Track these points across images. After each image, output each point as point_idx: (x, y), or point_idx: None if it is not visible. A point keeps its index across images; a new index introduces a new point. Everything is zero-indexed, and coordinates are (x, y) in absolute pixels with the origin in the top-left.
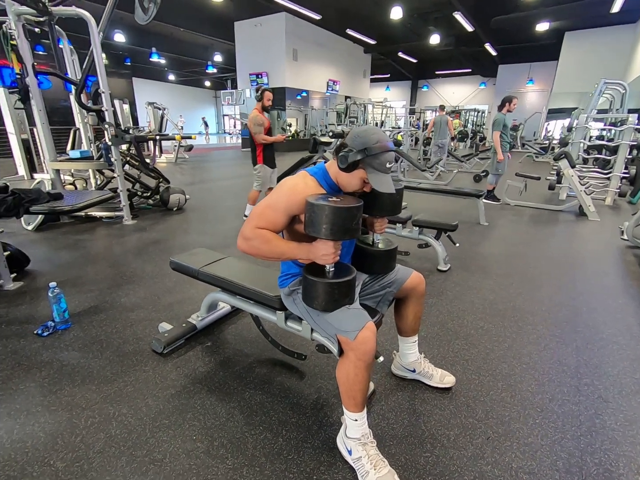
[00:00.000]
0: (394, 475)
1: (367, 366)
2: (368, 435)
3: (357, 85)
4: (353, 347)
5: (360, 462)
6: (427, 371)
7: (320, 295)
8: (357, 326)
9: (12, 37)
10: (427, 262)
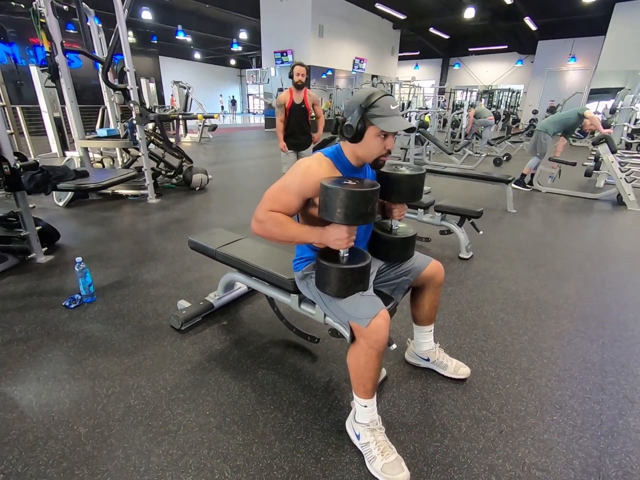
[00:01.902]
0: (401, 462)
1: (378, 354)
2: (377, 421)
3: (385, 63)
4: (365, 334)
5: (368, 448)
6: (442, 361)
7: (332, 281)
8: (370, 314)
9: (42, 15)
10: (448, 249)
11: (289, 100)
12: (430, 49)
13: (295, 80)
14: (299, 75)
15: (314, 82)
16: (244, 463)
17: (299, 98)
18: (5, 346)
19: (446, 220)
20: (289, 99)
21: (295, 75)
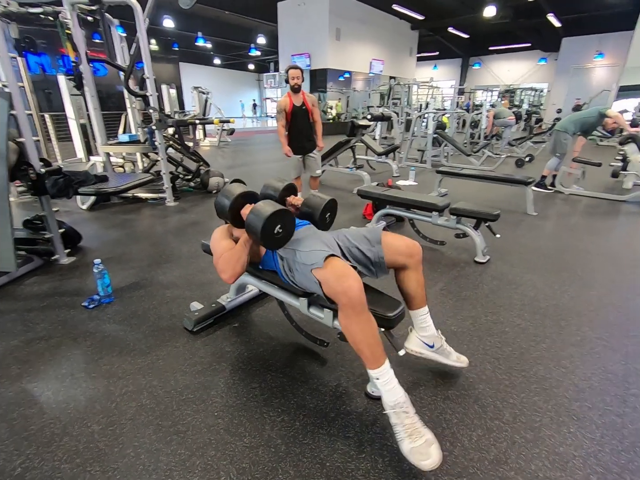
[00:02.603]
0: (429, 446)
1: (357, 314)
2: (401, 404)
3: (403, 64)
4: (339, 298)
5: (396, 429)
6: (445, 349)
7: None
8: (323, 255)
9: (68, 27)
10: (464, 252)
11: (289, 104)
12: (450, 49)
13: (292, 83)
14: (295, 79)
15: (330, 85)
16: (250, 466)
17: (298, 100)
18: (28, 344)
19: (462, 223)
20: (289, 102)
21: (291, 79)
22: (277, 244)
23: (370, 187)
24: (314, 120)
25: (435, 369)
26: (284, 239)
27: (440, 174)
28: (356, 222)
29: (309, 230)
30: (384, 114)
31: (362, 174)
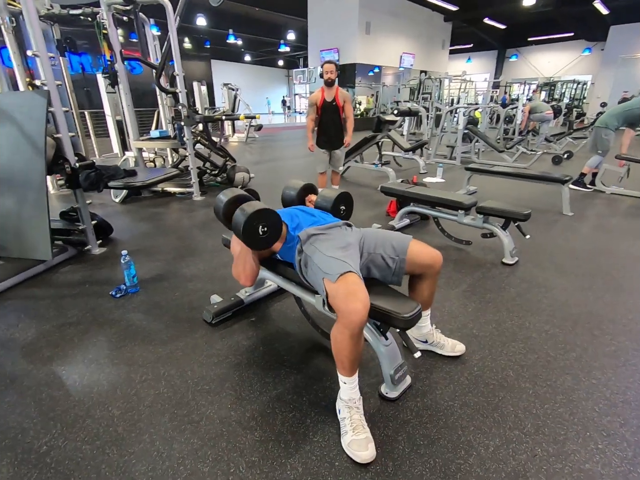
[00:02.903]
0: (369, 442)
1: (351, 336)
2: (355, 400)
3: (435, 58)
4: (342, 313)
5: (344, 422)
6: (439, 342)
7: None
8: (339, 270)
9: (104, 27)
10: (490, 253)
11: (320, 99)
12: (485, 41)
13: (325, 78)
14: (329, 73)
15: (359, 80)
16: (259, 460)
17: (330, 96)
18: (59, 329)
19: (489, 222)
20: (320, 97)
21: (325, 74)
22: (263, 244)
23: (394, 183)
24: (346, 116)
25: (453, 372)
26: (270, 239)
27: (469, 171)
28: (379, 220)
29: (336, 228)
30: (412, 109)
31: (387, 171)
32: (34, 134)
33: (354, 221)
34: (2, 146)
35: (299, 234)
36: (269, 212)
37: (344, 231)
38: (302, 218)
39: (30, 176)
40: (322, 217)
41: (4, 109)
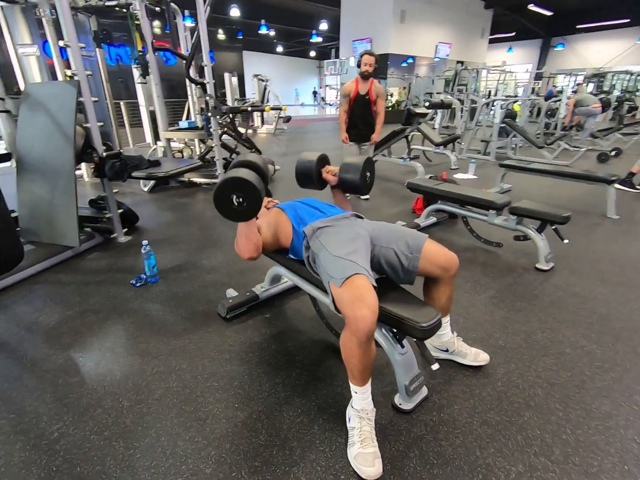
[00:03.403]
0: (375, 458)
1: (359, 344)
2: (368, 412)
3: (473, 48)
4: (350, 320)
5: (352, 433)
6: (461, 350)
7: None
8: (345, 274)
9: (137, 18)
10: (523, 257)
11: (353, 91)
12: (529, 29)
13: (362, 70)
14: (367, 65)
15: (391, 71)
16: (262, 465)
17: (364, 89)
18: (81, 315)
19: (522, 224)
20: (354, 89)
21: (363, 65)
22: (237, 216)
23: (422, 179)
24: (377, 112)
25: (474, 386)
26: (245, 213)
27: (503, 168)
28: (405, 217)
29: (343, 219)
30: (444, 102)
31: (415, 165)
32: (64, 123)
33: (378, 217)
34: (37, 135)
35: (304, 229)
36: (249, 185)
37: (352, 222)
38: (304, 211)
39: (60, 164)
40: (327, 209)
41: (39, 99)
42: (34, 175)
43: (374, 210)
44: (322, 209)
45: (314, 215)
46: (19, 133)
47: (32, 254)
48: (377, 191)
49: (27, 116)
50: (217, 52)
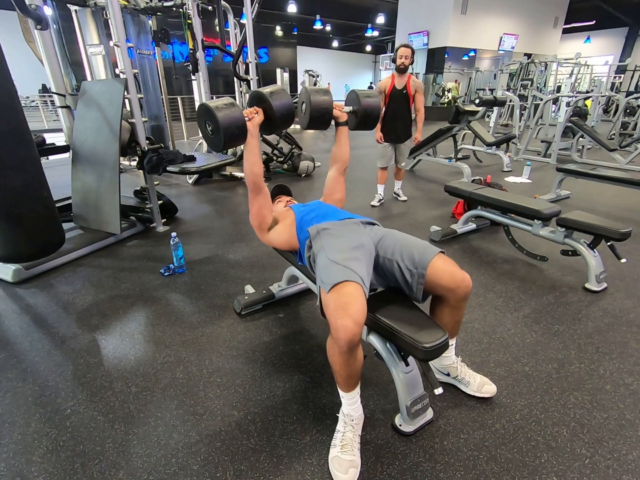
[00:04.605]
0: (351, 467)
1: (341, 353)
2: (353, 418)
3: (543, 39)
4: (332, 328)
5: (336, 435)
6: (464, 377)
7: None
8: (334, 280)
9: (189, 17)
10: (571, 274)
11: (389, 86)
12: (612, 16)
13: (398, 63)
14: (403, 58)
15: (449, 65)
16: (248, 470)
17: (400, 83)
18: (111, 299)
19: (572, 238)
20: (390, 84)
21: (399, 58)
22: (211, 143)
23: (462, 183)
24: (417, 108)
25: (487, 416)
26: (214, 143)
27: (561, 172)
28: (442, 221)
29: (350, 225)
30: (497, 99)
31: (462, 167)
32: (112, 118)
33: (412, 219)
34: (89, 129)
35: (308, 229)
36: (212, 114)
37: (359, 229)
38: (313, 214)
39: (107, 156)
40: (338, 213)
41: (92, 96)
42: (85, 165)
43: (408, 213)
44: (334, 213)
45: (323, 218)
46: (75, 127)
47: (80, 238)
48: (415, 192)
49: (82, 111)
50: (271, 48)
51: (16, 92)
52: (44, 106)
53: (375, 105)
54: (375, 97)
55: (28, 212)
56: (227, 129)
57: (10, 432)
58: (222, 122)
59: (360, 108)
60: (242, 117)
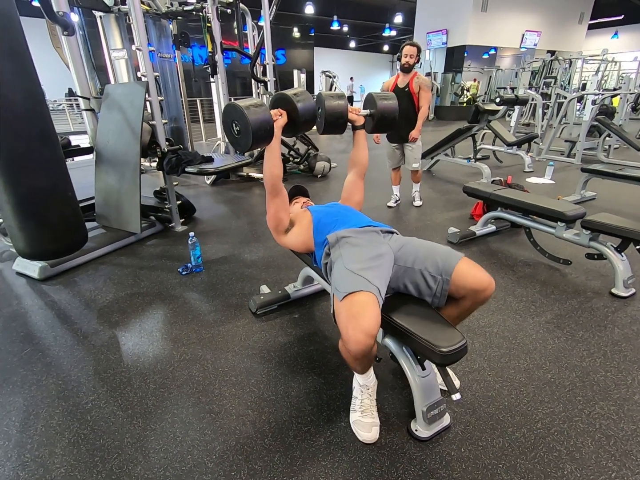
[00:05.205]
0: (372, 426)
1: (355, 359)
2: (369, 387)
3: (567, 35)
4: (344, 336)
5: (355, 401)
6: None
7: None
8: (348, 289)
9: (209, 20)
10: (595, 279)
11: (392, 85)
12: None
13: (403, 62)
14: (407, 57)
15: (468, 64)
16: (262, 470)
17: (403, 82)
18: (130, 297)
19: (598, 241)
20: (393, 83)
21: (403, 57)
22: (236, 143)
23: (481, 184)
24: (420, 104)
25: (507, 423)
26: (239, 143)
27: (586, 173)
28: (460, 223)
29: (370, 233)
30: (519, 97)
31: (481, 167)
32: (133, 120)
33: (430, 221)
34: (112, 130)
35: (327, 236)
36: (241, 114)
37: (379, 238)
38: (330, 218)
39: (129, 157)
40: (358, 217)
41: (115, 99)
42: (108, 166)
43: (425, 214)
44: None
45: (343, 224)
46: (99, 129)
47: (102, 237)
48: (432, 193)
49: (106, 114)
50: (289, 50)
51: (44, 97)
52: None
53: (392, 107)
54: (392, 99)
55: (54, 212)
56: (257, 131)
57: (35, 424)
58: (252, 124)
59: (376, 111)
60: (271, 119)
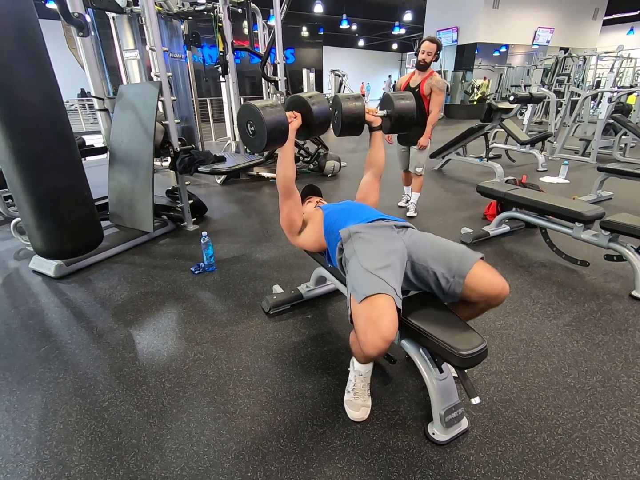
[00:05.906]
0: (361, 407)
1: (361, 355)
2: (362, 373)
3: (581, 31)
4: (361, 339)
5: (349, 383)
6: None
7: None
8: (368, 291)
9: (220, 20)
10: (615, 281)
11: (404, 83)
12: None
13: (419, 58)
14: (424, 54)
15: (479, 62)
16: (278, 471)
17: (415, 81)
18: (144, 296)
19: (617, 242)
20: (405, 81)
21: (420, 53)
22: (249, 143)
23: (495, 183)
24: (430, 107)
25: (527, 428)
26: (252, 144)
27: (602, 172)
28: (473, 223)
29: (384, 228)
30: (534, 95)
31: (494, 166)
32: (146, 119)
33: (440, 221)
34: (125, 130)
35: (340, 231)
36: (257, 115)
37: (392, 233)
38: (345, 212)
39: (142, 157)
40: (370, 212)
41: (128, 99)
42: (121, 166)
43: (436, 214)
44: (365, 212)
45: (355, 218)
46: (113, 129)
47: (116, 236)
48: (444, 193)
49: (119, 114)
50: (298, 49)
51: (61, 99)
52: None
53: (410, 107)
54: (410, 98)
55: (71, 211)
56: (272, 131)
57: (53, 421)
58: (267, 124)
59: (394, 111)
60: (286, 121)
